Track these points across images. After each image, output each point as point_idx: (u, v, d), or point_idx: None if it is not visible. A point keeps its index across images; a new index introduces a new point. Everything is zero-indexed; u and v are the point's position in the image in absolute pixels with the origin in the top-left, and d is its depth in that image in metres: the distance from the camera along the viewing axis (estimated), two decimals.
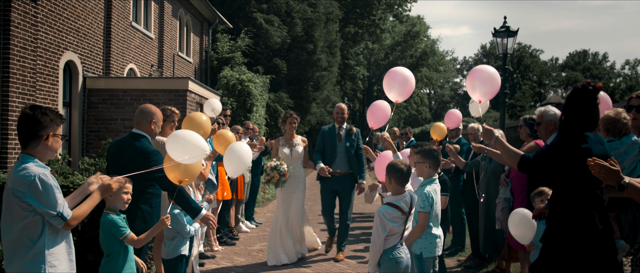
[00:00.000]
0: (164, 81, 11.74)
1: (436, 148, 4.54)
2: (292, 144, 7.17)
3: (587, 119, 3.33)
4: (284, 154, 7.04)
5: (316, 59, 23.13)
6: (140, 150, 4.26)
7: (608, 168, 2.82)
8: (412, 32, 42.82)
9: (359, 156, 7.19)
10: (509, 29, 9.43)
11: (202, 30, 19.54)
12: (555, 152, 3.33)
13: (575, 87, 3.42)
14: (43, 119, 3.05)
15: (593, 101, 3.32)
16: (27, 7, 8.85)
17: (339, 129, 7.24)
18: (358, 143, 7.23)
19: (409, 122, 58.08)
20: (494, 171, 6.01)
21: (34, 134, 3.04)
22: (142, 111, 4.38)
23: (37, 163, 3.04)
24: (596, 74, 69.77)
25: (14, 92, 8.56)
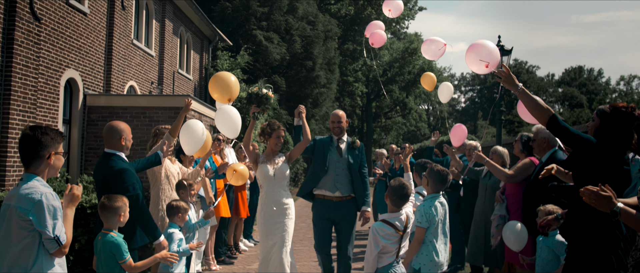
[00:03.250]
0: (163, 98, 11.83)
1: (442, 168, 4.61)
2: (275, 161, 5.49)
3: (625, 140, 3.45)
4: (265, 175, 5.38)
5: (315, 76, 23.28)
6: (109, 169, 4.31)
7: (598, 194, 2.74)
8: (410, 49, 43.04)
9: (363, 176, 5.82)
10: (504, 47, 9.57)
11: (202, 47, 19.69)
12: (595, 160, 3.42)
13: (607, 111, 3.54)
14: (44, 139, 3.06)
15: (630, 122, 3.45)
16: (31, 26, 8.96)
17: (338, 141, 5.85)
18: (362, 159, 5.90)
19: (407, 138, 58.14)
20: (493, 187, 6.08)
21: (36, 155, 3.05)
22: (111, 130, 4.42)
23: (42, 182, 3.05)
24: (592, 89, 70.14)
25: (14, 110, 8.63)
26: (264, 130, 5.57)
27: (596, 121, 3.58)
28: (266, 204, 5.40)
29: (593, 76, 73.47)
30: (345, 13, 40.27)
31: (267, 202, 5.39)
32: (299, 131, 5.74)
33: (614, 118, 3.47)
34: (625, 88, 70.70)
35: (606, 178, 3.21)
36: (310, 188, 5.80)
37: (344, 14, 40.15)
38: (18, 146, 3.14)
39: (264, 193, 5.46)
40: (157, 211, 5.81)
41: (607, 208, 2.74)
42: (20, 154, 3.12)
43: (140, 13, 14.26)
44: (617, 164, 3.43)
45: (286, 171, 5.50)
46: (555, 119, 3.55)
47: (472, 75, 73.72)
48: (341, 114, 5.95)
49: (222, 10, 21.02)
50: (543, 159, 5.22)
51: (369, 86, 43.84)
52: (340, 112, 5.98)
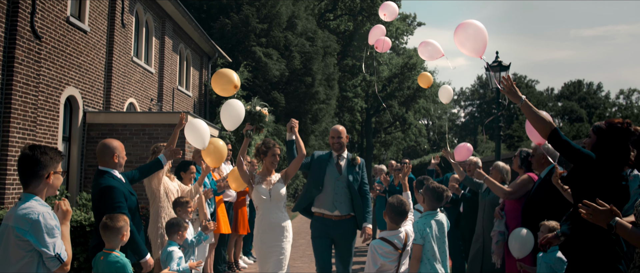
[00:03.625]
0: (163, 115, 11.86)
1: (438, 185, 4.61)
2: (271, 181, 5.24)
3: (622, 156, 3.47)
4: (260, 196, 5.14)
5: (314, 91, 23.36)
6: (98, 186, 4.35)
7: (595, 208, 2.79)
8: (409, 64, 43.23)
9: (363, 194, 5.59)
10: (501, 63, 9.64)
11: (201, 64, 19.79)
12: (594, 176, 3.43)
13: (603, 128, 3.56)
14: (43, 158, 3.07)
15: (627, 138, 3.47)
16: (31, 44, 9.02)
17: (338, 158, 5.62)
18: (363, 176, 5.68)
19: (407, 153, 58.13)
20: (492, 203, 6.08)
21: (35, 174, 3.06)
22: (103, 148, 4.46)
23: (40, 201, 3.05)
24: (592, 104, 70.36)
25: (14, 128, 8.65)
26: (259, 149, 5.33)
27: (593, 137, 3.60)
28: (262, 226, 5.14)
29: (592, 90, 73.76)
30: (344, 29, 40.53)
31: (264, 225, 5.13)
32: (291, 146, 5.48)
33: (611, 134, 3.50)
34: (625, 102, 70.92)
35: (605, 194, 3.22)
36: (304, 204, 5.61)
37: (343, 30, 40.40)
38: (17, 165, 3.14)
39: (260, 214, 5.18)
40: (156, 228, 5.82)
41: (604, 223, 2.78)
42: (19, 174, 3.13)
43: (140, 30, 14.36)
44: (615, 181, 3.44)
45: (283, 191, 5.22)
46: (557, 133, 3.57)
47: (471, 89, 73.95)
48: (341, 129, 5.71)
49: (221, 27, 21.15)
50: (541, 175, 5.23)
51: (369, 102, 43.95)
52: (340, 127, 5.74)
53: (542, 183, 5.12)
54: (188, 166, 6.60)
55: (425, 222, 4.40)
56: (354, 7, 39.29)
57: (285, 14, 22.83)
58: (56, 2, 10.02)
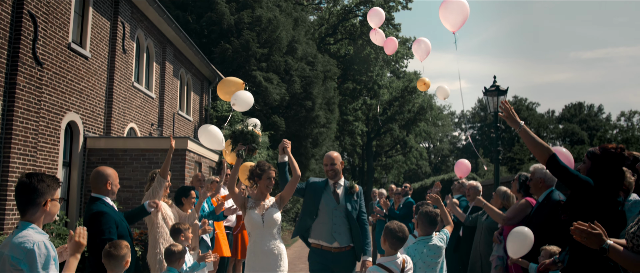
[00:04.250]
0: (163, 140, 11.90)
1: (431, 210, 4.61)
2: (265, 205, 4.96)
3: (617, 181, 3.49)
4: (253, 222, 4.85)
5: (315, 115, 23.44)
6: (90, 211, 4.38)
7: (588, 232, 2.81)
8: (409, 87, 43.47)
9: (362, 223, 5.30)
10: (499, 88, 9.70)
11: (202, 88, 19.91)
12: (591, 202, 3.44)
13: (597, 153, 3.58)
14: (40, 186, 3.08)
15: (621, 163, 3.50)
16: (33, 70, 9.10)
17: (334, 186, 5.30)
18: (361, 204, 5.38)
19: (408, 177, 58.03)
20: (489, 227, 6.06)
21: (32, 202, 3.07)
22: (97, 175, 4.50)
23: (37, 229, 3.05)
24: (593, 126, 70.42)
25: (15, 154, 8.68)
26: (253, 172, 5.02)
27: (588, 163, 3.62)
28: (255, 254, 4.84)
29: (593, 112, 73.89)
30: (344, 53, 40.84)
31: (256, 252, 4.84)
32: (283, 169, 5.23)
33: (605, 159, 3.52)
34: (626, 124, 70.96)
35: (602, 220, 3.23)
36: (300, 232, 5.34)
37: (343, 54, 40.71)
38: (15, 193, 3.15)
39: (253, 241, 4.88)
40: (154, 254, 5.80)
41: (597, 245, 2.80)
42: (16, 202, 3.13)
43: (141, 56, 14.49)
44: (612, 206, 3.46)
45: (277, 217, 4.93)
46: (555, 159, 3.59)
47: (471, 112, 74.08)
48: (335, 155, 5.39)
49: (222, 51, 21.33)
50: (539, 200, 5.23)
51: (369, 125, 44.04)
52: (333, 153, 5.43)
53: (540, 207, 5.11)
54: (188, 191, 6.60)
55: (416, 248, 4.40)
56: (354, 32, 39.66)
57: (286, 39, 23.04)
58: (58, 29, 10.14)
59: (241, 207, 4.99)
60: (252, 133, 5.09)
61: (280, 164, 5.26)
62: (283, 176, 5.25)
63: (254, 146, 5.10)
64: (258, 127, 5.30)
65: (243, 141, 5.10)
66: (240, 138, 5.12)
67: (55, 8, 10.05)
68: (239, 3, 22.73)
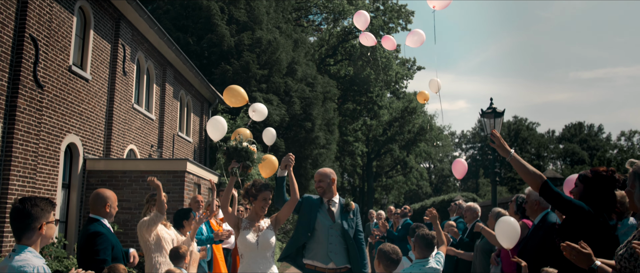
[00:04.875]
0: (162, 162, 11.93)
1: (428, 232, 4.62)
2: (260, 227, 4.72)
3: (610, 204, 3.52)
4: (247, 244, 4.60)
5: (314, 136, 23.51)
6: (87, 231, 4.41)
7: (578, 251, 2.85)
8: (409, 108, 43.63)
9: (358, 242, 5.07)
10: (496, 110, 9.75)
11: (202, 110, 20.00)
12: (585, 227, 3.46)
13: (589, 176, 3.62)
14: (34, 211, 3.09)
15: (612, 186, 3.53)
16: (34, 93, 9.17)
17: (329, 203, 5.08)
18: (358, 223, 5.15)
19: (409, 197, 57.89)
20: (484, 248, 6.06)
21: (27, 227, 3.08)
22: (97, 197, 4.54)
23: (34, 253, 3.06)
24: (593, 145, 70.44)
25: (14, 176, 8.71)
26: (248, 191, 4.77)
27: (580, 186, 3.65)
28: None
29: (593, 131, 73.98)
30: (344, 74, 41.06)
31: None
32: (281, 183, 4.95)
33: (596, 182, 3.55)
34: (626, 144, 70.99)
35: (596, 244, 3.25)
36: (291, 250, 5.06)
37: (343, 75, 40.93)
38: (9, 219, 3.17)
39: (245, 264, 4.61)
40: None
41: (586, 265, 2.84)
42: (11, 228, 3.14)
43: (141, 78, 14.59)
44: (606, 231, 3.47)
45: (272, 240, 4.67)
46: (547, 185, 3.62)
47: (472, 133, 74.18)
48: (324, 172, 5.14)
49: (222, 73, 21.47)
50: (535, 222, 5.23)
51: (369, 146, 44.08)
52: (324, 171, 5.17)
53: (536, 230, 5.12)
54: (188, 214, 6.59)
55: (412, 272, 4.40)
56: (354, 53, 39.92)
57: (285, 60, 23.21)
58: (59, 52, 10.25)
59: (234, 227, 4.73)
60: (247, 150, 4.83)
61: (278, 179, 5.00)
62: (280, 192, 4.97)
63: (248, 163, 4.79)
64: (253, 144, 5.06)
65: (237, 158, 4.82)
66: (234, 154, 4.84)
67: (57, 31, 10.17)
68: (239, 25, 22.96)
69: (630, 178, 2.64)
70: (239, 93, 6.90)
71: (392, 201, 50.39)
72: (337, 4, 38.23)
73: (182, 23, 22.30)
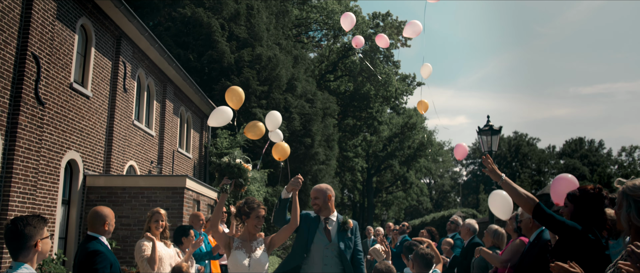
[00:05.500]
0: (162, 178, 11.98)
1: (427, 252, 4.65)
2: (252, 247, 4.44)
3: (600, 221, 3.56)
4: (238, 265, 4.33)
5: (314, 152, 23.57)
6: (84, 250, 4.45)
7: (566, 270, 2.88)
8: (409, 123, 43.73)
9: (357, 263, 4.81)
10: (492, 127, 9.83)
11: (202, 126, 20.09)
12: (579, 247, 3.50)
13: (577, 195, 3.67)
14: (27, 230, 3.16)
15: (601, 203, 3.58)
16: (35, 110, 9.26)
17: (325, 221, 4.81)
18: (356, 242, 4.88)
19: (409, 213, 57.75)
20: (479, 265, 6.09)
21: (22, 247, 3.15)
22: (95, 215, 4.58)
23: (30, 270, 3.13)
24: (594, 161, 70.37)
25: (15, 192, 8.75)
26: (241, 209, 4.52)
27: (570, 206, 3.69)
28: None
29: (594, 147, 73.95)
30: (344, 89, 41.24)
31: None
32: (284, 205, 4.71)
33: (586, 201, 3.60)
34: (627, 159, 70.94)
35: (589, 264, 3.29)
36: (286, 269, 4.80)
37: (343, 91, 41.11)
38: (5, 240, 3.24)
39: None
40: None
41: None
42: (7, 248, 3.22)
43: (141, 94, 14.70)
44: (598, 250, 3.51)
45: (266, 262, 4.42)
46: (540, 208, 3.66)
47: (472, 148, 74.19)
48: (319, 188, 4.90)
49: (222, 89, 21.56)
50: (531, 239, 5.28)
51: (369, 161, 44.09)
52: (319, 187, 4.93)
53: (531, 247, 5.15)
54: (188, 231, 6.62)
55: None
56: (354, 68, 40.13)
57: (285, 77, 23.35)
58: (60, 69, 10.36)
59: (225, 247, 4.45)
60: (240, 167, 4.79)
61: (282, 200, 4.74)
62: (282, 214, 4.70)
63: (241, 181, 4.70)
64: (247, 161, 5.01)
65: (229, 175, 4.78)
66: (226, 171, 4.79)
67: (58, 49, 10.29)
68: (240, 42, 23.13)
69: (619, 198, 2.68)
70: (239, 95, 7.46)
71: (392, 217, 50.29)
72: (336, 21, 38.50)
73: (183, 40, 22.48)
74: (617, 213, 2.69)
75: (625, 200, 2.61)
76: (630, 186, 2.62)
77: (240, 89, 7.31)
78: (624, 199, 2.62)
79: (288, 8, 30.55)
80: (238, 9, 23.36)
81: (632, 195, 2.59)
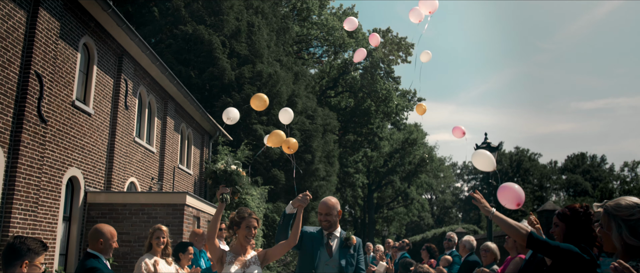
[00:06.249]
0: (162, 195, 12.05)
1: (426, 271, 4.70)
2: (246, 262, 4.22)
3: (590, 239, 3.62)
4: None
5: (314, 169, 23.64)
6: (83, 267, 4.50)
7: None
8: (410, 139, 43.80)
9: None
10: (490, 144, 9.90)
11: (203, 142, 20.18)
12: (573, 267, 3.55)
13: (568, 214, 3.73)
14: (21, 247, 3.24)
15: (590, 221, 3.65)
16: (37, 127, 9.36)
17: (328, 237, 4.62)
18: (358, 260, 4.67)
19: (411, 228, 57.57)
20: None
21: (8, 264, 3.23)
22: (94, 232, 4.64)
23: None
24: (596, 176, 70.26)
25: (16, 209, 8.83)
26: (232, 220, 4.30)
27: (561, 225, 3.75)
28: None
29: (596, 162, 73.87)
30: (345, 105, 41.40)
31: None
32: (288, 220, 4.50)
33: (576, 219, 3.67)
34: (630, 174, 70.82)
35: None
36: None
37: (344, 106, 41.26)
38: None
39: None
40: None
41: None
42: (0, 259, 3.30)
43: (142, 111, 14.82)
44: (593, 270, 3.56)
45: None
46: (533, 237, 3.71)
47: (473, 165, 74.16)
48: (332, 204, 4.67)
49: (223, 105, 21.72)
50: (527, 257, 5.33)
51: (370, 177, 44.08)
52: (330, 201, 4.71)
53: (527, 265, 5.20)
54: (186, 247, 6.69)
55: None
56: (355, 85, 40.33)
57: (286, 93, 23.50)
58: (63, 87, 10.49)
59: (218, 262, 4.22)
60: (237, 173, 4.35)
61: (286, 216, 4.53)
62: (285, 230, 4.49)
63: (237, 188, 4.31)
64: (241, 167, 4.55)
65: (226, 183, 4.33)
66: (222, 178, 4.28)
67: (61, 67, 10.43)
68: (240, 58, 23.34)
69: (605, 220, 2.70)
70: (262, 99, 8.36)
71: (393, 232, 50.14)
72: (337, 37, 38.80)
73: (184, 57, 22.69)
74: (605, 234, 2.72)
75: (613, 221, 2.62)
76: (614, 206, 2.64)
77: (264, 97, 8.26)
78: (612, 220, 2.63)
79: (289, 25, 30.85)
80: (239, 26, 23.60)
81: (619, 214, 2.61)
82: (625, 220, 2.58)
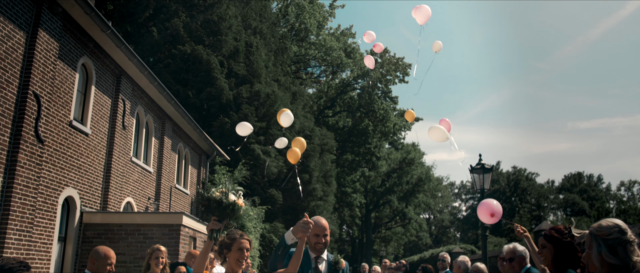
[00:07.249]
0: (159, 215, 12.02)
1: None
2: None
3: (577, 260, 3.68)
4: None
5: (311, 188, 23.63)
6: None
7: None
8: (408, 159, 43.84)
9: None
10: (484, 166, 9.95)
11: (200, 162, 20.19)
12: None
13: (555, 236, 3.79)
14: None
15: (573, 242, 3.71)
16: (34, 147, 9.38)
17: (316, 260, 4.35)
18: None
19: (409, 248, 57.30)
20: None
21: None
22: (95, 254, 4.69)
23: None
24: (593, 195, 70.26)
25: (11, 230, 8.80)
26: (222, 243, 3.94)
27: (549, 247, 3.80)
28: None
29: (593, 182, 73.96)
30: (343, 125, 41.50)
31: None
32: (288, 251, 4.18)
33: (563, 239, 3.73)
34: (627, 194, 70.87)
35: None
36: None
37: (342, 126, 41.37)
38: None
39: None
40: None
41: None
42: None
43: (140, 131, 14.85)
44: None
45: None
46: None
47: (471, 183, 74.12)
48: (325, 225, 4.37)
49: (220, 125, 21.79)
50: None
51: (368, 197, 44.01)
52: (324, 223, 4.37)
53: None
54: (175, 267, 6.67)
55: None
56: (352, 104, 40.49)
57: None
58: (61, 107, 10.53)
59: None
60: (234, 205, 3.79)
61: (287, 246, 4.18)
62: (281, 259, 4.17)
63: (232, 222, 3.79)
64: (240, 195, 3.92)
65: (220, 216, 3.79)
66: (216, 210, 3.80)
67: (59, 87, 10.48)
68: (238, 78, 23.46)
69: (588, 240, 2.82)
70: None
71: (391, 252, 49.90)
72: (335, 57, 39.04)
73: (182, 76, 22.80)
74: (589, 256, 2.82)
75: (594, 241, 2.76)
76: (596, 227, 2.78)
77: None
78: (593, 240, 2.77)
79: (287, 45, 31.07)
80: (237, 46, 23.77)
81: (600, 235, 2.74)
82: (605, 239, 2.72)
